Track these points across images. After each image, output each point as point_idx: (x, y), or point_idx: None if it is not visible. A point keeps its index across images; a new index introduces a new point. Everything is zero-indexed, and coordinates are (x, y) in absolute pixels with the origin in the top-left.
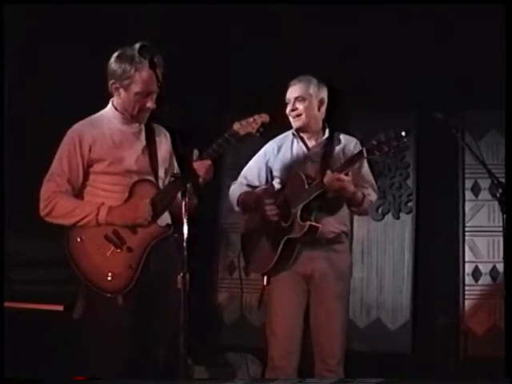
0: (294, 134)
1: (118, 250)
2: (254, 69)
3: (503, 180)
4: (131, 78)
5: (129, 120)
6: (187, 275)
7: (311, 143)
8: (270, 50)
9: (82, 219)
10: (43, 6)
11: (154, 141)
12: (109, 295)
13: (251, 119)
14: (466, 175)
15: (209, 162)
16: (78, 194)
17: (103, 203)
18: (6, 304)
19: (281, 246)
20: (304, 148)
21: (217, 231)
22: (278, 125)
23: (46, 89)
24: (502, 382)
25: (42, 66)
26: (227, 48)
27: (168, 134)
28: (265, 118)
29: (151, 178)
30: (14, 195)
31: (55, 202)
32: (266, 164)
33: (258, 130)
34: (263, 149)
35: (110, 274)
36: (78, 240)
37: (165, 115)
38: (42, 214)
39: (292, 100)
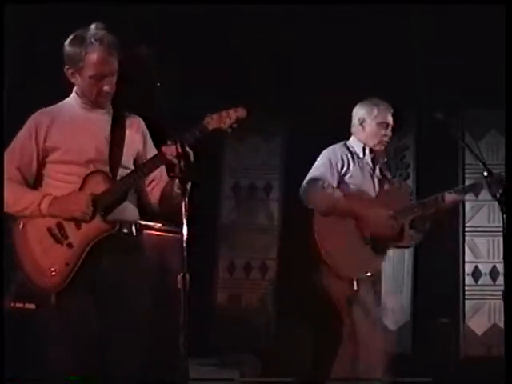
0: (363, 149)
1: (59, 245)
2: (251, 68)
3: None
4: (83, 61)
5: (90, 106)
6: (187, 275)
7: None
8: (268, 49)
9: (26, 208)
10: (43, 6)
11: (123, 130)
12: (41, 291)
13: (224, 113)
14: (466, 175)
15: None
16: (35, 184)
17: (48, 194)
18: (6, 304)
19: (387, 252)
20: (371, 163)
21: (217, 231)
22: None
23: (45, 89)
24: (502, 382)
25: (42, 66)
26: (228, 47)
27: (143, 124)
28: (241, 112)
29: (106, 170)
30: None
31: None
32: (339, 173)
33: (230, 126)
34: (335, 157)
35: (52, 269)
36: (20, 228)
37: (162, 110)
38: None
39: (390, 125)
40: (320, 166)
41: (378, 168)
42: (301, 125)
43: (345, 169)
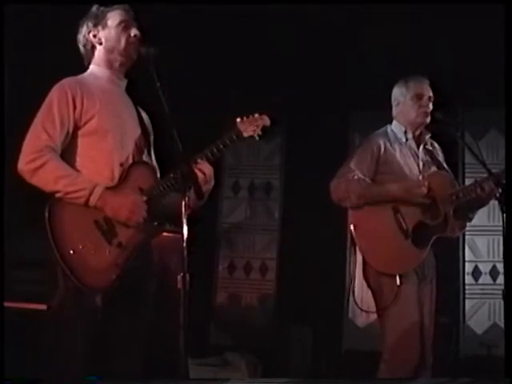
0: (405, 132)
1: (108, 243)
2: (251, 68)
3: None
4: (105, 16)
5: (116, 72)
6: (187, 275)
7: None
8: (271, 50)
9: (70, 193)
10: (43, 6)
11: (144, 122)
12: (88, 291)
13: (253, 119)
14: (466, 175)
15: (210, 167)
16: (65, 161)
17: (98, 183)
18: (6, 304)
19: (429, 245)
20: (414, 146)
21: (217, 231)
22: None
23: (45, 89)
24: (502, 382)
25: (42, 66)
26: (228, 47)
27: (150, 123)
28: (265, 120)
29: (149, 162)
30: (14, 195)
31: (47, 159)
32: (377, 160)
33: (258, 134)
34: (373, 142)
35: (101, 269)
36: (62, 219)
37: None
38: (27, 167)
39: (426, 97)
40: (350, 161)
41: (422, 150)
42: (301, 125)
43: (383, 157)
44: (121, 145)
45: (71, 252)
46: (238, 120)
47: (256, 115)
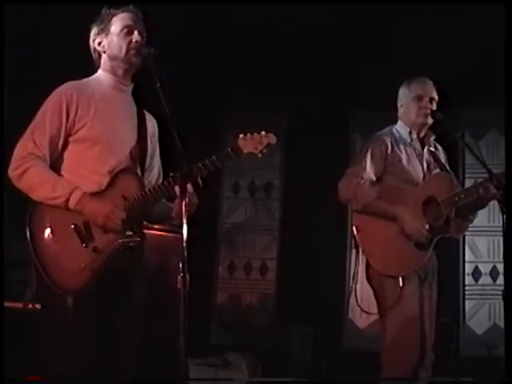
0: (410, 133)
1: (84, 247)
2: (252, 68)
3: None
4: (110, 21)
5: (120, 79)
6: (187, 275)
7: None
8: (271, 49)
9: (51, 199)
10: (43, 6)
11: (145, 125)
12: (60, 293)
13: (257, 136)
14: (466, 175)
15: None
16: (54, 166)
17: (77, 187)
18: (6, 304)
19: (432, 247)
20: (419, 147)
21: (217, 231)
22: None
23: (46, 89)
24: (502, 381)
25: (43, 66)
26: (228, 47)
27: (156, 125)
28: (271, 139)
29: (137, 170)
30: (13, 195)
31: (29, 166)
32: (385, 160)
33: (261, 151)
34: (381, 142)
35: (75, 272)
36: (41, 221)
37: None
38: (13, 174)
39: (427, 98)
40: (360, 160)
41: (427, 151)
42: (301, 125)
43: (390, 157)
44: (111, 152)
45: (47, 252)
46: (241, 136)
47: (262, 133)
